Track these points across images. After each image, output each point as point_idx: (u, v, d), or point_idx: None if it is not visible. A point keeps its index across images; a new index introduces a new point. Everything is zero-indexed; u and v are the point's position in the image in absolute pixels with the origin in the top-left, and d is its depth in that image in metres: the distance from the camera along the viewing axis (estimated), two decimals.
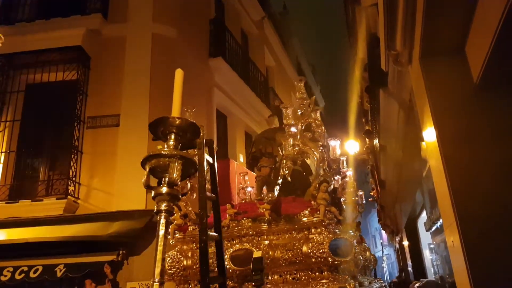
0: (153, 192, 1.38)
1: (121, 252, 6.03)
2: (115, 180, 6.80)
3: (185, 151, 1.46)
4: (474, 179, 2.40)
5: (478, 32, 2.33)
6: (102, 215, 6.33)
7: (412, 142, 4.77)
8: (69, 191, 6.60)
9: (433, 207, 7.13)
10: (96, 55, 7.69)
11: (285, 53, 16.28)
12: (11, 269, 5.79)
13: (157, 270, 1.32)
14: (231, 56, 9.92)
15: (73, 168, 6.80)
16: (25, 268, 5.76)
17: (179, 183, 1.40)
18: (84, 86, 7.39)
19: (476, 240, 2.31)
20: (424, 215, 9.15)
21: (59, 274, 5.67)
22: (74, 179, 6.77)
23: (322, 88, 26.40)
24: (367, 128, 9.23)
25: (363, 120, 10.36)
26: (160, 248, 1.35)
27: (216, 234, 1.97)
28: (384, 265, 28.00)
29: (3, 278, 5.69)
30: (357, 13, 6.54)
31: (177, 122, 1.42)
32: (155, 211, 1.39)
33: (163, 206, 1.38)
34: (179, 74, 1.65)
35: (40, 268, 5.76)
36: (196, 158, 1.78)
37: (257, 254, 2.70)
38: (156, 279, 1.30)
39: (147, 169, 1.40)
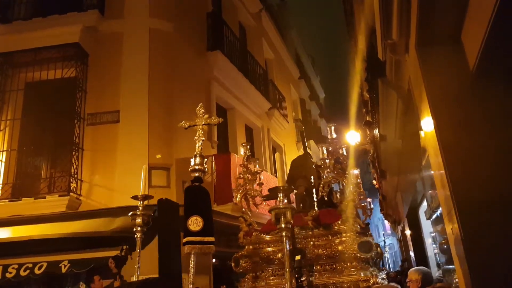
0: (278, 226, 2.94)
1: (124, 247, 6.07)
2: (116, 176, 6.83)
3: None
4: (472, 167, 2.41)
5: (473, 20, 2.33)
6: (104, 211, 6.37)
7: (411, 131, 4.77)
8: (71, 188, 6.64)
9: (433, 196, 7.14)
10: (94, 51, 7.69)
11: (283, 45, 16.22)
12: (16, 266, 5.85)
13: (287, 268, 2.80)
14: (229, 49, 9.89)
15: (74, 165, 6.84)
16: (30, 265, 5.82)
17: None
18: (83, 83, 7.40)
19: (475, 228, 2.32)
20: (425, 204, 9.15)
21: (64, 270, 5.73)
22: (76, 176, 6.80)
23: (322, 79, 26.33)
24: (367, 118, 9.21)
25: (364, 110, 10.34)
26: (286, 256, 2.87)
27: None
28: (387, 254, 28.12)
29: (8, 275, 5.76)
30: (354, 3, 6.51)
31: (281, 188, 3.02)
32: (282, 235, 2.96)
33: (284, 233, 2.90)
34: (278, 157, 3.38)
35: (45, 264, 5.82)
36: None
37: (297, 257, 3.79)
38: (287, 269, 2.75)
39: (273, 214, 2.93)
